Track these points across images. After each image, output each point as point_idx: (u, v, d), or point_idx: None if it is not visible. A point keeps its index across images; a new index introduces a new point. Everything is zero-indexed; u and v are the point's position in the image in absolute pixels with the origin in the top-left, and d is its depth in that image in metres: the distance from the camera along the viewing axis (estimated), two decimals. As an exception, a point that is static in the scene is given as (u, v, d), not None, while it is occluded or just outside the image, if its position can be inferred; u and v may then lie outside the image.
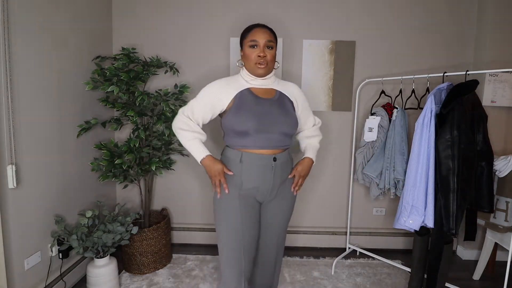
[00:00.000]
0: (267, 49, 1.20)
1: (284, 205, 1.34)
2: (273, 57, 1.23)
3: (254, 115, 1.18)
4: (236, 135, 1.21)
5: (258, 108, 1.20)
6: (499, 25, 2.07)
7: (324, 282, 1.94)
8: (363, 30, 2.21)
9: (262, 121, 1.18)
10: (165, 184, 2.38)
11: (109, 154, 1.82)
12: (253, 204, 1.27)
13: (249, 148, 1.21)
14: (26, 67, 1.47)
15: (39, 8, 1.55)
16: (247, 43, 1.21)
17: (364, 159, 2.02)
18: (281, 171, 1.26)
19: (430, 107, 1.54)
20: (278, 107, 1.23)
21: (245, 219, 1.22)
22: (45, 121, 1.61)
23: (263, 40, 1.19)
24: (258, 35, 1.19)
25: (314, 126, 1.47)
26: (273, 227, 1.35)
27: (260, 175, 1.23)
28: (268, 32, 1.22)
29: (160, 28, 2.22)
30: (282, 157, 1.26)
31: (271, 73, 1.27)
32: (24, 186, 1.48)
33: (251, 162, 1.21)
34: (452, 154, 1.47)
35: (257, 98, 1.23)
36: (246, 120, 1.18)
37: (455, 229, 1.46)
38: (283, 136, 1.23)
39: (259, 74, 1.22)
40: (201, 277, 1.98)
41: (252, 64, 1.21)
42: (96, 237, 1.66)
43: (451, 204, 1.47)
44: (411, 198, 1.58)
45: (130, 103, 1.90)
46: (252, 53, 1.20)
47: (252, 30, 1.22)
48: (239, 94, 1.22)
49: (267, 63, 1.20)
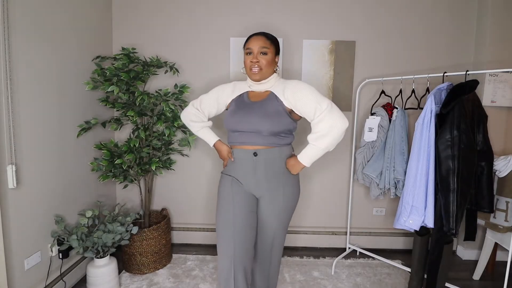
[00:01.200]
0: (261, 55, 1.29)
1: (276, 205, 1.34)
2: (268, 62, 1.30)
3: (237, 116, 1.32)
4: (229, 133, 1.39)
5: (243, 109, 1.33)
6: (499, 25, 2.07)
7: (324, 282, 1.94)
8: (363, 30, 2.21)
9: (242, 121, 1.31)
10: (165, 184, 2.38)
11: (109, 154, 1.82)
12: (248, 196, 1.34)
13: (235, 144, 1.36)
14: (26, 67, 1.48)
15: (39, 8, 1.55)
16: (245, 51, 1.34)
17: (364, 159, 2.02)
18: (265, 166, 1.31)
19: (430, 107, 1.54)
20: (260, 108, 1.30)
21: (236, 209, 1.30)
22: (45, 121, 1.61)
23: (256, 47, 1.29)
24: (252, 43, 1.30)
25: (316, 115, 1.22)
26: (266, 225, 1.37)
27: (242, 168, 1.34)
28: (263, 39, 1.30)
29: (160, 28, 2.22)
30: (267, 153, 1.30)
31: (269, 77, 1.34)
32: (24, 186, 1.48)
33: (236, 156, 1.36)
34: (452, 154, 1.47)
35: (246, 101, 1.35)
36: (230, 120, 1.34)
37: (455, 229, 1.46)
38: (264, 135, 1.28)
39: (254, 79, 1.33)
40: (201, 277, 1.98)
41: (248, 70, 1.33)
42: (96, 237, 1.66)
43: (451, 204, 1.47)
44: (411, 198, 1.58)
45: (130, 103, 1.90)
46: (247, 59, 1.32)
47: (249, 39, 1.33)
48: (236, 98, 1.39)
49: (261, 68, 1.29)
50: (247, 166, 1.33)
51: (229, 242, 1.26)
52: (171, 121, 1.97)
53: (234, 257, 1.24)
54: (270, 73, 1.33)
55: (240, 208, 1.31)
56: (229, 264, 1.24)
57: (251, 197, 1.35)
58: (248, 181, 1.34)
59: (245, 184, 1.34)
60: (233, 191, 1.33)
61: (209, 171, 2.36)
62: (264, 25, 2.19)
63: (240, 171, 1.35)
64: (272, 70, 1.34)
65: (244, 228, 1.28)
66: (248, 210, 1.32)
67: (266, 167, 1.31)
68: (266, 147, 1.31)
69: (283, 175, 1.34)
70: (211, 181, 2.38)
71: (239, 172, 1.35)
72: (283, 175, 1.34)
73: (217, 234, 1.32)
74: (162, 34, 2.23)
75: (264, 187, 1.33)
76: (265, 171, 1.32)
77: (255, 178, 1.32)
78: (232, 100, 1.39)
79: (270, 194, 1.34)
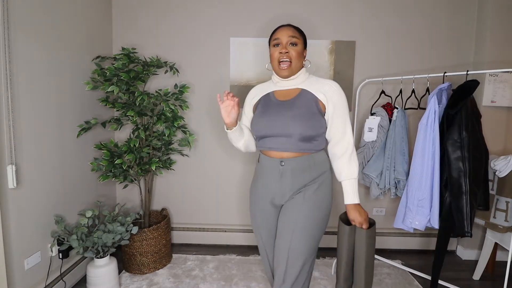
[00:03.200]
0: (290, 45, 1.17)
1: (300, 207, 1.17)
2: (298, 54, 1.18)
3: (264, 119, 1.20)
4: (256, 138, 1.28)
5: (270, 110, 1.20)
6: (499, 25, 2.07)
7: (324, 282, 1.94)
8: (363, 30, 2.21)
9: (269, 124, 1.18)
10: (165, 184, 2.38)
11: (109, 154, 1.82)
12: (269, 209, 1.27)
13: (263, 149, 1.25)
14: (26, 67, 1.47)
15: (39, 8, 1.54)
16: (272, 43, 1.21)
17: (364, 159, 2.02)
18: (292, 177, 1.17)
19: (434, 107, 1.53)
20: (290, 109, 1.16)
21: (259, 222, 1.30)
22: (45, 121, 1.61)
23: (285, 37, 1.17)
24: (280, 33, 1.18)
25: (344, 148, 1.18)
26: (285, 226, 1.18)
27: (268, 176, 1.23)
28: (291, 29, 1.19)
29: (160, 28, 2.22)
30: (296, 163, 1.16)
31: (298, 73, 1.21)
32: (24, 186, 1.48)
33: (263, 162, 1.26)
34: (463, 155, 1.45)
35: (273, 101, 1.22)
36: (257, 124, 1.22)
37: (471, 231, 1.45)
38: (294, 139, 1.15)
39: (283, 75, 1.20)
40: (201, 277, 1.98)
41: (275, 63, 1.19)
42: (96, 237, 1.66)
43: (465, 207, 1.45)
44: (417, 199, 1.58)
45: (130, 103, 1.90)
46: (275, 52, 1.19)
47: (276, 30, 1.22)
48: (261, 99, 1.27)
49: (291, 60, 1.16)
50: (272, 177, 1.22)
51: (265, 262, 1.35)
52: (171, 121, 1.97)
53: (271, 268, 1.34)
54: (299, 67, 1.20)
55: (263, 227, 1.30)
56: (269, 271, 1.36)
57: (271, 209, 1.27)
58: (271, 191, 1.23)
59: (268, 193, 1.25)
60: (256, 204, 1.29)
61: (209, 171, 2.36)
62: (264, 25, 2.19)
63: (264, 180, 1.25)
64: (301, 65, 1.21)
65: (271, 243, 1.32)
66: (269, 225, 1.29)
67: (293, 179, 1.18)
68: (296, 154, 1.17)
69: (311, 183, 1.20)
70: (211, 181, 2.38)
71: (262, 180, 1.26)
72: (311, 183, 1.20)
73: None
74: (162, 34, 2.23)
75: (290, 196, 1.21)
76: (292, 182, 1.18)
77: (279, 189, 1.21)
78: (258, 101, 1.28)
79: (297, 198, 1.19)
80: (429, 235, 2.35)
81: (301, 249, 1.14)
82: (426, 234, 2.35)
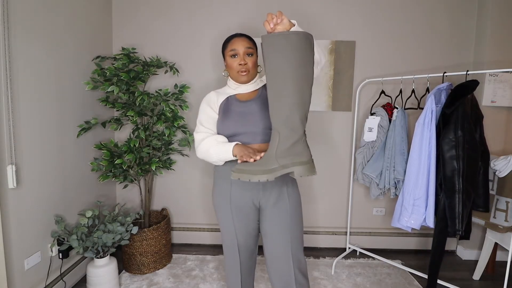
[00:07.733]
0: (247, 56, 1.25)
1: (282, 215, 1.23)
2: (254, 63, 1.27)
3: (236, 118, 1.24)
4: (226, 136, 1.26)
5: (240, 110, 1.25)
6: (499, 25, 2.07)
7: (324, 282, 1.94)
8: (363, 30, 2.21)
9: (244, 121, 1.23)
10: (165, 184, 2.38)
11: (109, 154, 1.82)
12: (247, 211, 1.26)
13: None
14: (26, 67, 1.47)
15: (39, 8, 1.55)
16: (228, 54, 1.26)
17: (364, 159, 2.02)
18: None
19: (431, 107, 1.54)
20: (259, 104, 1.25)
21: (238, 233, 1.29)
22: (45, 121, 1.61)
23: (242, 48, 1.24)
24: (236, 44, 1.24)
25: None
26: (273, 236, 1.24)
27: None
28: (246, 40, 1.26)
29: (160, 28, 2.22)
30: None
31: (255, 78, 1.31)
32: (24, 186, 1.48)
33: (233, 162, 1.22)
34: (457, 154, 1.46)
35: (240, 102, 1.28)
36: (229, 124, 1.24)
37: (462, 230, 1.45)
38: (265, 130, 1.21)
39: (243, 81, 1.28)
40: (201, 277, 1.98)
41: (235, 72, 1.26)
42: (96, 237, 1.66)
43: (457, 205, 1.46)
44: (412, 198, 1.58)
45: (130, 103, 1.90)
46: (233, 63, 1.25)
47: (231, 41, 1.27)
48: (224, 102, 1.30)
49: (249, 70, 1.25)
50: None
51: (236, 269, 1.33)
52: (171, 121, 1.97)
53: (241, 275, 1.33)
54: (255, 73, 1.30)
55: (241, 230, 1.28)
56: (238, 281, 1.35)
57: (250, 211, 1.27)
58: (252, 184, 1.23)
59: (247, 192, 1.24)
60: (232, 208, 1.26)
61: (209, 171, 2.36)
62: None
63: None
64: (256, 71, 1.31)
65: (247, 251, 1.32)
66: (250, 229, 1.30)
67: None
68: (266, 144, 1.22)
69: (289, 181, 1.25)
70: (211, 181, 2.38)
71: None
72: (289, 181, 1.26)
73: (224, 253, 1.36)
74: (162, 34, 2.23)
75: (273, 195, 1.23)
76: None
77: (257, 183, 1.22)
78: (219, 106, 1.29)
79: (277, 206, 1.23)
80: (429, 235, 2.35)
81: (294, 250, 1.24)
82: (426, 234, 2.35)
